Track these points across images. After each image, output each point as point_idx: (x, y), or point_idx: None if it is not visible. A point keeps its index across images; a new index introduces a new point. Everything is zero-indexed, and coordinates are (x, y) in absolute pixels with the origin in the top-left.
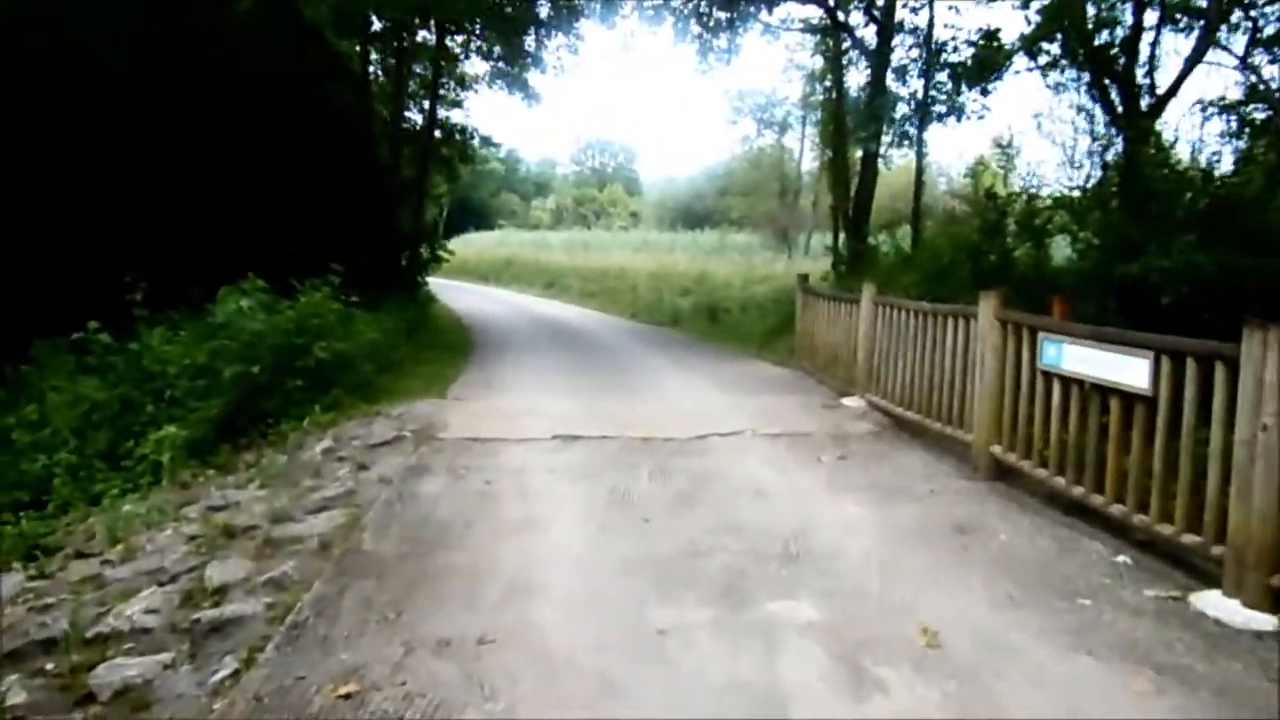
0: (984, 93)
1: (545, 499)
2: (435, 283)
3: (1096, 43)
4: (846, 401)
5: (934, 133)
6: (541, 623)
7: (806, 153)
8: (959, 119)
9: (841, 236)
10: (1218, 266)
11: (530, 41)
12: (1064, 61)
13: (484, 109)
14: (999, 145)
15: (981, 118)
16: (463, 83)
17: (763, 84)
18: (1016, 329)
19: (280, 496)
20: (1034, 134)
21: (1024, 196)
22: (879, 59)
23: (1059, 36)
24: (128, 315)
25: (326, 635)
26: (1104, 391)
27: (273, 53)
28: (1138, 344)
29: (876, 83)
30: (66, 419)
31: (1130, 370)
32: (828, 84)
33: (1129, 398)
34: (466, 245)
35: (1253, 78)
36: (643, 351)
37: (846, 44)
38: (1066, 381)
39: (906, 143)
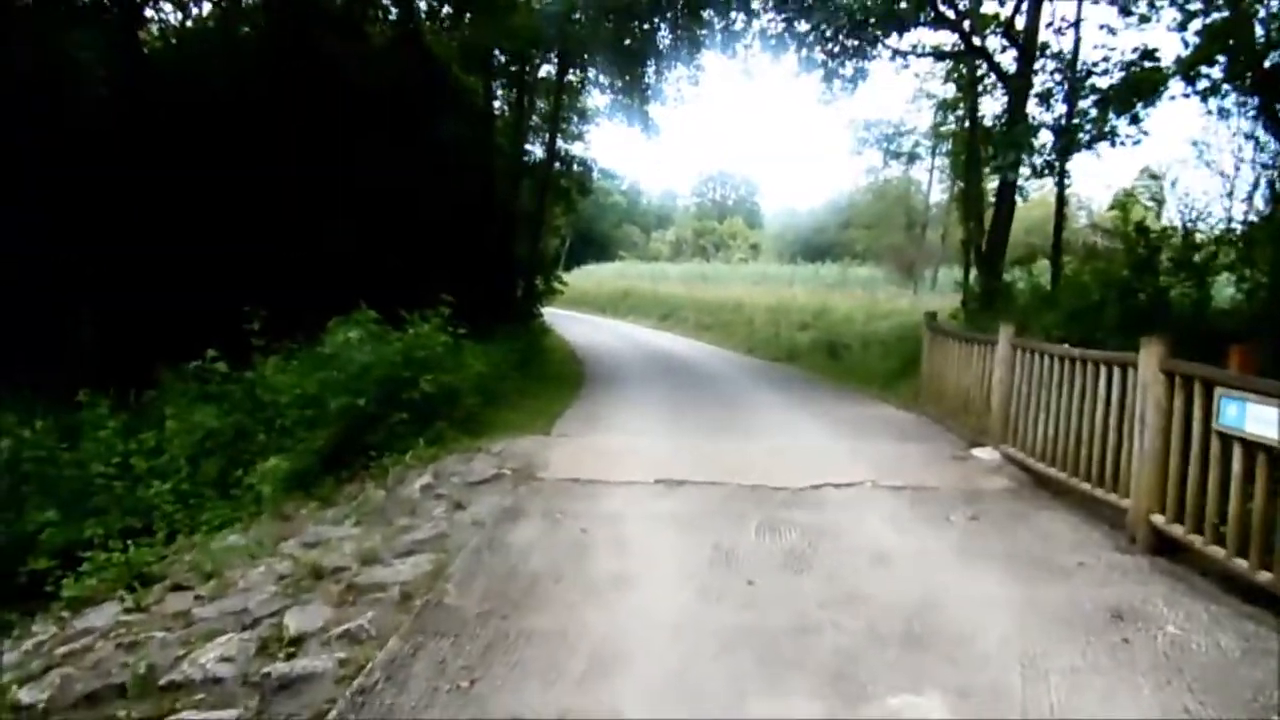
0: (1134, 120)
1: (642, 552)
2: (552, 313)
3: (1267, 64)
4: (978, 453)
5: (1077, 162)
6: (624, 708)
7: (934, 185)
8: (1112, 143)
9: (973, 272)
10: None
11: (650, 73)
12: (1228, 85)
13: (605, 141)
14: (1151, 175)
15: (1138, 142)
16: (583, 115)
17: (889, 113)
18: (1187, 382)
19: (373, 535)
20: (1190, 164)
21: (1180, 231)
22: (1019, 83)
23: (1222, 59)
24: (246, 344)
25: (393, 704)
26: None
27: (402, 87)
28: None
29: (1016, 109)
30: (183, 446)
31: None
32: (960, 112)
33: None
34: (586, 276)
35: None
36: (756, 388)
37: (982, 69)
38: (1251, 446)
39: (1048, 172)
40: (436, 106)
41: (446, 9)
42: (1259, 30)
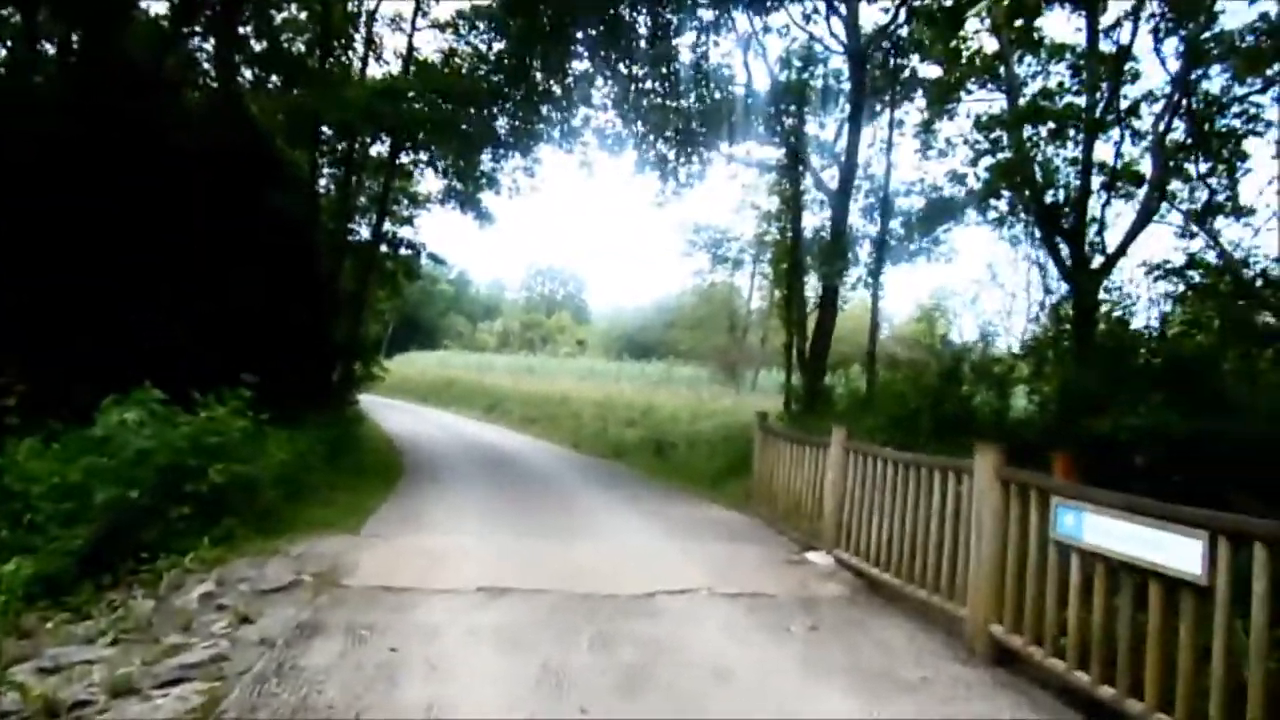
0: (935, 241)
1: (462, 675)
2: (372, 401)
3: (1047, 199)
4: (812, 557)
5: (887, 276)
6: None
7: (755, 291)
8: (928, 258)
9: (795, 375)
10: (1189, 427)
11: (486, 161)
12: (1013, 217)
13: (435, 227)
14: (951, 294)
15: (949, 260)
16: (414, 200)
17: (717, 219)
18: (1023, 490)
19: (132, 657)
20: (985, 284)
21: (980, 344)
22: (841, 198)
23: (1007, 193)
24: None
25: None
26: (1139, 572)
27: (218, 152)
28: (1186, 520)
29: (839, 220)
30: None
31: (1177, 551)
32: (782, 223)
33: (1174, 583)
34: (410, 364)
35: (1193, 245)
36: (584, 486)
37: (806, 182)
38: (1088, 556)
39: (868, 283)
40: (256, 176)
41: (274, 78)
42: (1038, 171)
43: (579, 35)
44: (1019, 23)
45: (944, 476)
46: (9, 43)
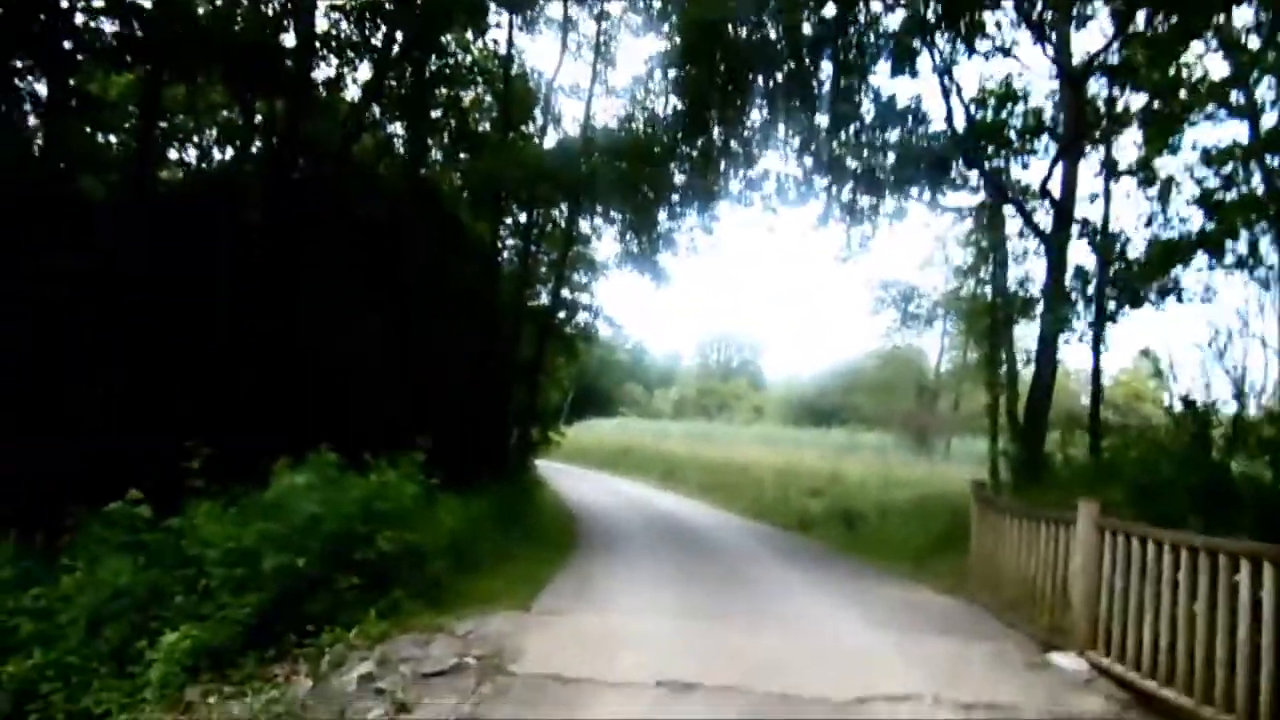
0: (1163, 292)
1: None
2: (549, 466)
3: None
4: (1059, 660)
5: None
6: None
7: (944, 351)
8: (1179, 298)
9: (1000, 440)
10: None
11: (663, 220)
12: (1254, 259)
13: (613, 295)
14: (1199, 346)
15: (1207, 300)
16: (592, 266)
17: (905, 275)
18: None
19: None
20: (1233, 333)
21: (1235, 404)
22: (1058, 237)
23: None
24: (180, 487)
25: None
26: None
27: (405, 222)
28: None
29: (1057, 264)
30: (84, 606)
31: None
32: (978, 276)
33: None
34: (587, 431)
35: None
36: (769, 562)
37: (1013, 224)
38: None
39: (1080, 338)
40: (439, 244)
41: (461, 155)
42: None
43: (757, 83)
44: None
45: (1255, 567)
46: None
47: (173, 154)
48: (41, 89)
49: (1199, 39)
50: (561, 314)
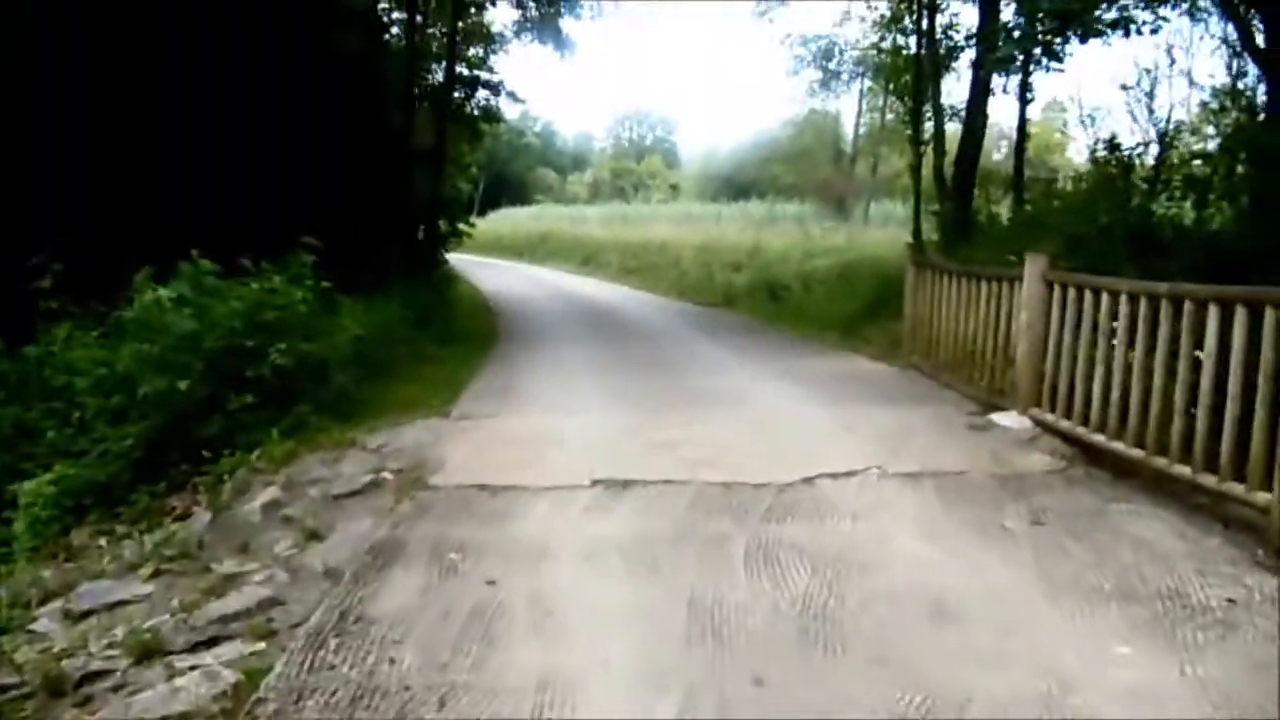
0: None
1: (581, 625)
2: (466, 260)
3: None
4: (1000, 419)
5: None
6: None
7: (863, 114)
8: (1126, 32)
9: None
10: None
11: None
12: None
13: (514, 74)
14: (1124, 87)
15: (1155, 29)
16: (488, 38)
17: (822, 31)
18: None
19: (172, 595)
20: (1159, 74)
21: (1155, 145)
22: None
23: None
24: (31, 308)
25: None
26: None
27: None
28: None
29: (990, 3)
30: None
31: None
32: (905, 26)
33: None
34: (502, 221)
35: None
36: (699, 341)
37: None
38: None
39: (1045, 62)
40: (317, 19)
41: None
42: None
43: None
44: None
45: (1225, 311)
46: None
47: None
48: None
49: None
50: (459, 93)
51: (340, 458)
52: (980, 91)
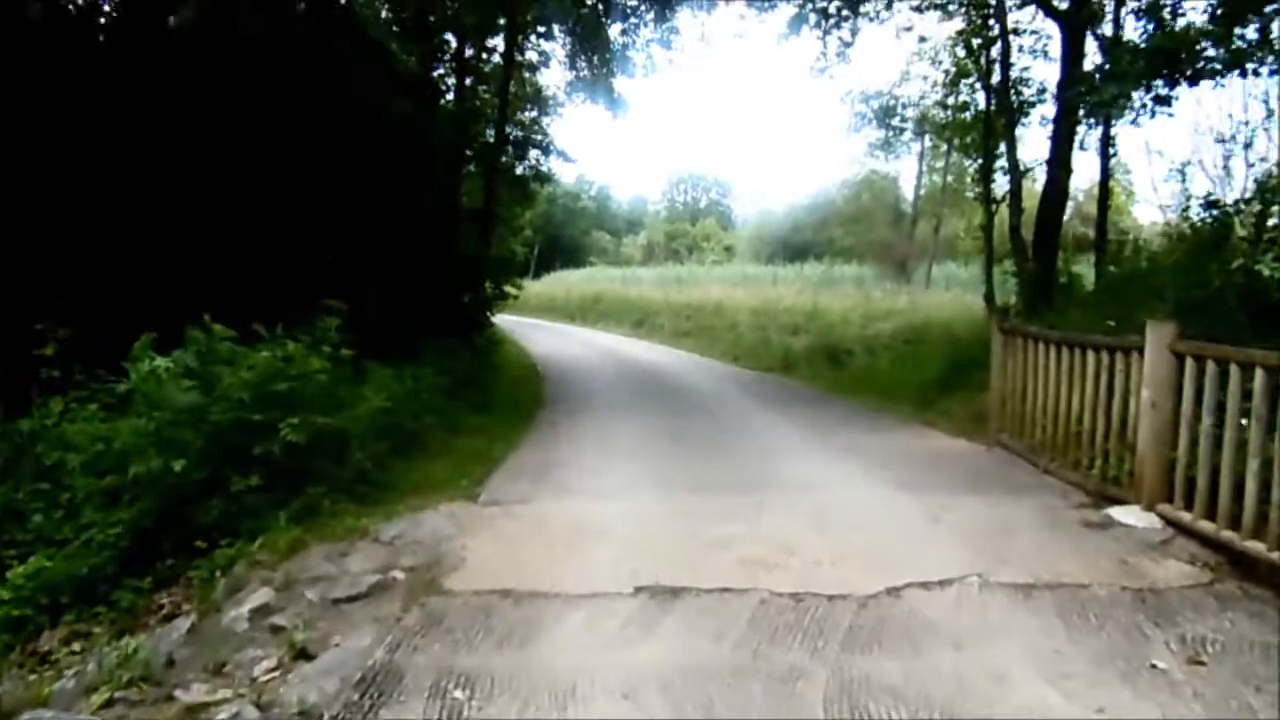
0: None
1: None
2: (516, 322)
3: None
4: (1120, 515)
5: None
6: None
7: (923, 173)
8: (1239, 71)
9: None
10: None
11: (614, 34)
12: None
13: (569, 136)
14: (1219, 140)
15: (1245, 73)
16: (539, 98)
17: (884, 87)
18: None
19: None
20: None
21: (1258, 200)
22: (1078, 16)
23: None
24: (30, 377)
25: None
26: None
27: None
28: None
29: (1074, 44)
30: None
31: None
32: (972, 81)
33: None
34: (555, 283)
35: None
36: (756, 412)
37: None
38: None
39: (1155, 108)
40: (374, 85)
41: None
42: None
43: None
44: None
45: None
46: None
47: None
48: None
49: None
50: (509, 154)
51: (349, 550)
52: (1063, 142)
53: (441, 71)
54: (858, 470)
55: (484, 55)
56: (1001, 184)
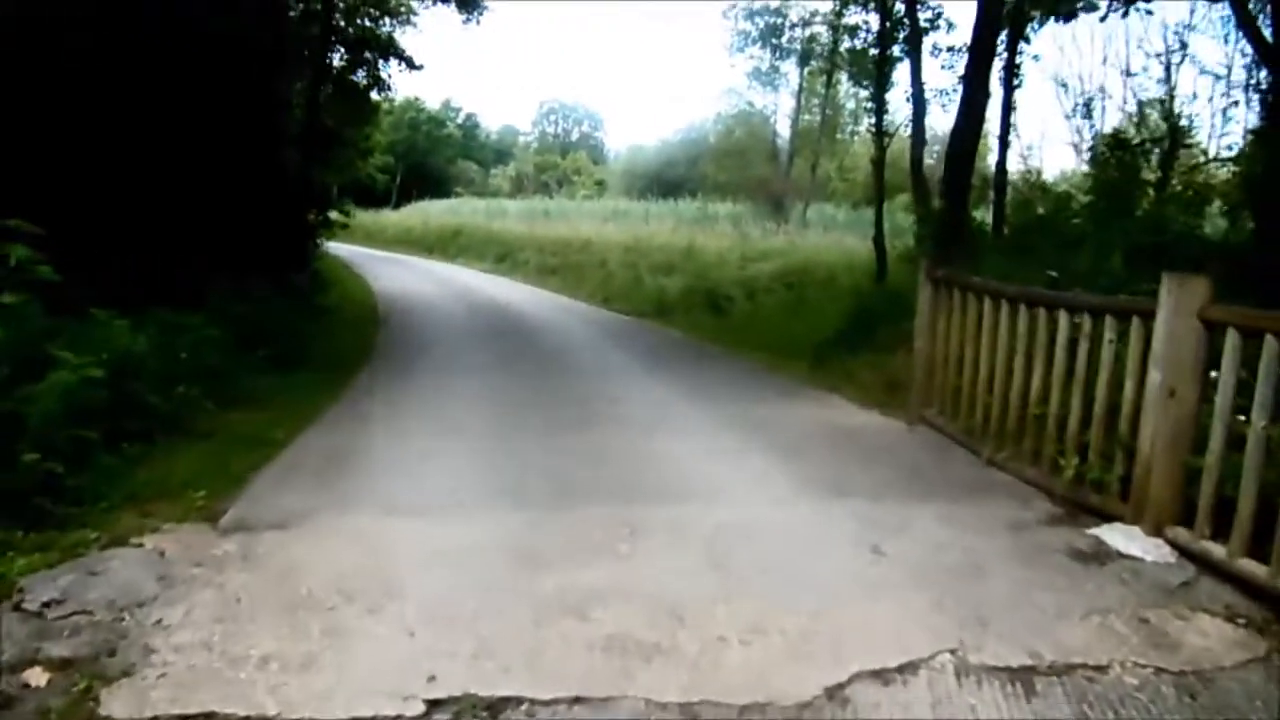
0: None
1: None
2: (366, 255)
3: None
4: (1113, 538)
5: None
6: None
7: (801, 107)
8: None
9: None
10: None
11: None
12: None
13: (422, 51)
14: (1126, 73)
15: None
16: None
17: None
18: None
19: None
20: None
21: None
22: None
23: None
24: None
25: None
26: None
27: None
28: None
29: None
30: None
31: None
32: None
33: None
34: (416, 213)
35: None
36: (629, 373)
37: None
38: None
39: None
40: None
41: None
42: None
43: None
44: None
45: None
46: None
47: None
48: None
49: None
50: (341, 55)
51: None
52: (981, 60)
53: None
54: (760, 463)
55: None
56: (896, 116)
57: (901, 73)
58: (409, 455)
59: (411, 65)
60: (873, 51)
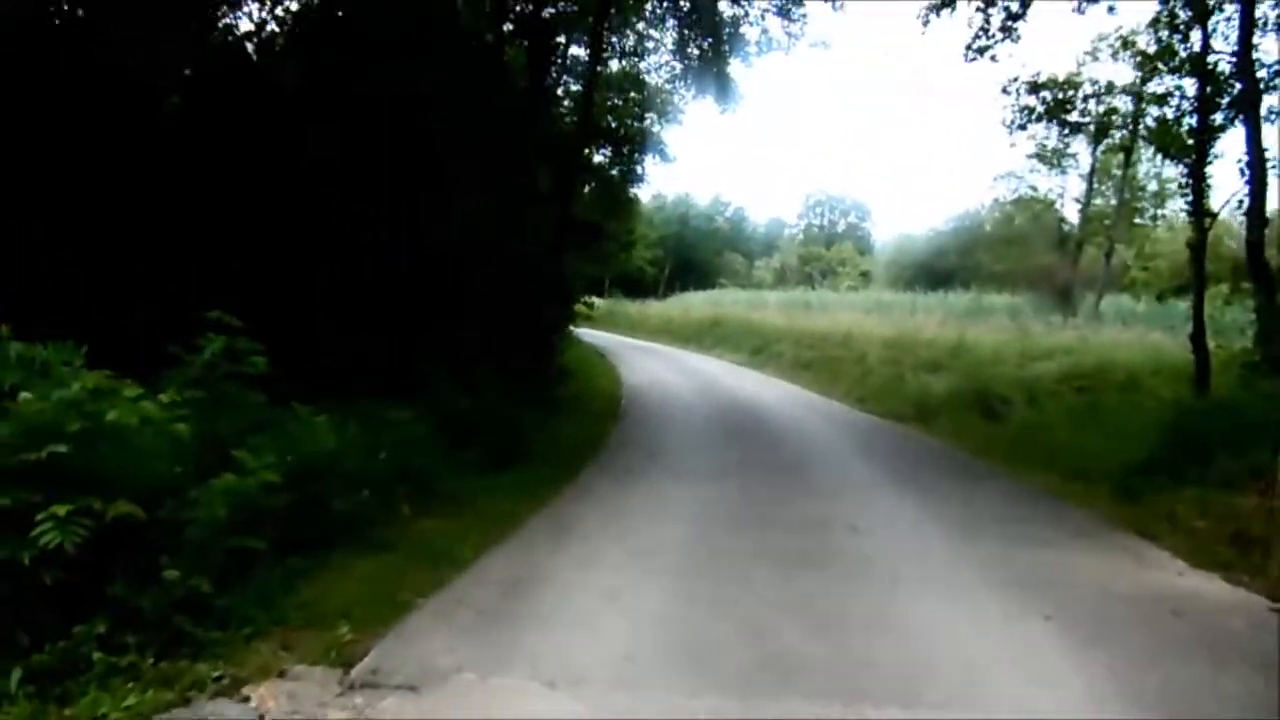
0: None
1: None
2: (623, 344)
3: None
4: None
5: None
6: None
7: (1094, 189)
8: None
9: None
10: None
11: (726, 5)
12: None
13: (685, 144)
14: None
15: None
16: (638, 84)
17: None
18: None
19: None
20: None
21: None
22: None
23: None
24: None
25: None
26: None
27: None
28: None
29: None
30: None
31: None
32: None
33: None
34: (677, 304)
35: None
36: (877, 492)
37: None
38: None
39: None
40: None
41: None
42: None
43: None
44: None
45: None
46: None
47: None
48: None
49: None
50: (604, 153)
51: None
52: None
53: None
54: (1044, 648)
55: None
56: (1222, 191)
57: (1225, 143)
58: (591, 593)
59: (664, 158)
60: (1190, 120)
